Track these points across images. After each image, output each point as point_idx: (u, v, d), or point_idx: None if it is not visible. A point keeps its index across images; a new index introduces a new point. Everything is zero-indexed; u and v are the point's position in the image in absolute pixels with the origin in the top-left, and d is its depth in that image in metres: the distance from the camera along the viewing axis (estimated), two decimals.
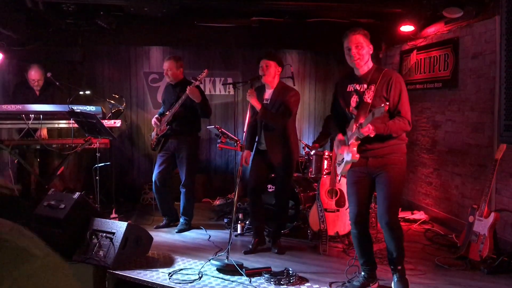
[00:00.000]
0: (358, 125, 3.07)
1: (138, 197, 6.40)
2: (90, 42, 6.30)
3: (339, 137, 3.39)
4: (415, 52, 5.87)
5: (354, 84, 3.33)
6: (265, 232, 4.62)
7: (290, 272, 3.61)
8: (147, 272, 3.67)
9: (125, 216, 5.28)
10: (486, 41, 4.53)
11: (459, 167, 5.07)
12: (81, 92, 5.82)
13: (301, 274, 3.71)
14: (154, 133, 5.07)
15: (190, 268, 3.83)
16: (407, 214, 5.60)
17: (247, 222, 4.99)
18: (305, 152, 5.23)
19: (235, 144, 4.79)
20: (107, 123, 5.16)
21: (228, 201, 5.95)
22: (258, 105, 4.16)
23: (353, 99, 3.31)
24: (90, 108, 5.22)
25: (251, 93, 4.17)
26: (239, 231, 4.91)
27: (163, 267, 3.81)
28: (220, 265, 3.78)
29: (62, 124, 5.24)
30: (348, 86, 3.36)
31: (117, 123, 5.44)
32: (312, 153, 5.02)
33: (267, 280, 3.57)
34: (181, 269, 3.78)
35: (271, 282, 3.53)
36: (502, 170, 4.22)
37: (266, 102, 4.31)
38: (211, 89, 6.74)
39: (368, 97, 3.20)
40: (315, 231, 4.60)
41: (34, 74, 5.52)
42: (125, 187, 6.44)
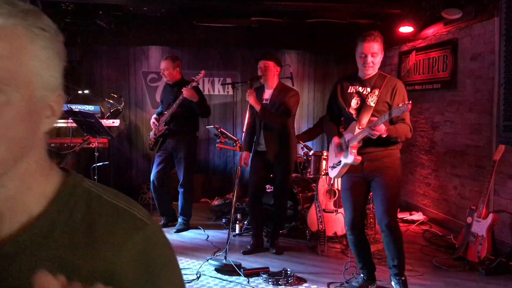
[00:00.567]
0: (371, 124, 3.04)
1: (136, 196, 6.39)
2: (89, 41, 6.28)
3: (336, 140, 3.37)
4: (414, 53, 5.87)
5: (356, 86, 3.30)
6: (264, 233, 4.62)
7: (288, 272, 3.61)
8: None
9: None
10: (485, 42, 4.53)
11: (457, 168, 5.07)
12: (79, 92, 5.82)
13: (299, 275, 3.71)
14: (152, 133, 5.06)
15: (188, 268, 3.83)
16: (405, 215, 5.61)
17: (245, 222, 4.99)
18: (303, 152, 5.23)
19: (234, 144, 4.78)
20: (106, 122, 5.16)
21: (226, 201, 5.94)
22: (257, 105, 4.16)
23: (354, 101, 3.29)
24: (89, 108, 5.22)
25: (251, 93, 4.16)
26: (237, 231, 4.90)
27: None
28: (218, 265, 3.77)
29: (60, 123, 5.23)
30: (349, 87, 3.34)
31: (116, 122, 5.43)
32: (310, 153, 5.02)
33: (265, 280, 3.57)
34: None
35: (269, 283, 3.53)
36: (500, 171, 4.23)
37: (266, 102, 4.30)
38: (210, 89, 6.73)
39: (371, 101, 3.20)
40: (314, 232, 4.60)
41: None
42: (123, 187, 6.42)
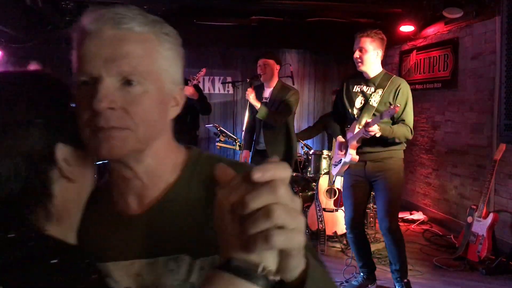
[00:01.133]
0: (365, 124, 3.04)
1: None
2: None
3: (339, 139, 3.40)
4: (414, 52, 5.86)
5: (361, 85, 3.30)
6: None
7: None
8: None
9: None
10: (486, 41, 4.52)
11: (458, 168, 5.06)
12: None
13: None
14: None
15: None
16: (405, 215, 5.60)
17: None
18: (303, 151, 5.22)
19: (234, 143, 4.78)
20: None
21: None
22: (257, 104, 4.15)
23: (358, 100, 3.29)
24: None
25: (250, 92, 4.16)
26: None
27: None
28: None
29: None
30: (355, 86, 3.33)
31: None
32: (311, 152, 5.01)
33: None
34: None
35: None
36: (501, 171, 4.22)
37: (266, 100, 4.29)
38: (210, 88, 6.73)
39: (374, 101, 3.19)
40: (313, 231, 4.58)
41: None
42: None
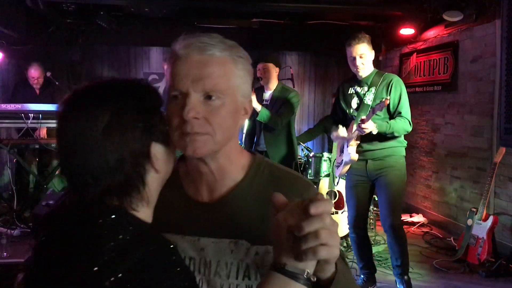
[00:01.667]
0: (360, 120, 3.06)
1: None
2: (90, 41, 6.29)
3: (337, 131, 3.41)
4: (415, 55, 5.87)
5: (355, 87, 3.35)
6: None
7: None
8: None
9: None
10: (486, 44, 4.53)
11: (458, 170, 5.07)
12: None
13: None
14: None
15: None
16: (405, 217, 5.59)
17: None
18: (304, 154, 5.22)
19: None
20: None
21: None
22: (258, 107, 4.16)
23: (354, 101, 3.34)
24: None
25: (251, 94, 4.16)
26: None
27: None
28: None
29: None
30: (349, 88, 3.39)
31: None
32: (311, 155, 5.01)
33: None
34: None
35: None
36: (500, 174, 4.23)
37: (266, 103, 4.30)
38: None
39: (368, 99, 3.23)
40: None
41: (34, 72, 5.52)
42: None
